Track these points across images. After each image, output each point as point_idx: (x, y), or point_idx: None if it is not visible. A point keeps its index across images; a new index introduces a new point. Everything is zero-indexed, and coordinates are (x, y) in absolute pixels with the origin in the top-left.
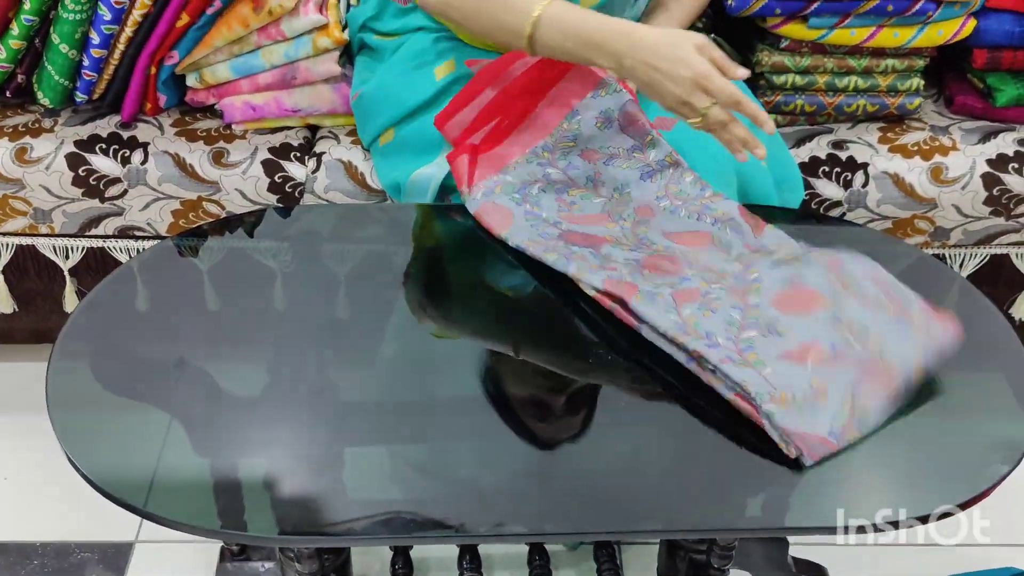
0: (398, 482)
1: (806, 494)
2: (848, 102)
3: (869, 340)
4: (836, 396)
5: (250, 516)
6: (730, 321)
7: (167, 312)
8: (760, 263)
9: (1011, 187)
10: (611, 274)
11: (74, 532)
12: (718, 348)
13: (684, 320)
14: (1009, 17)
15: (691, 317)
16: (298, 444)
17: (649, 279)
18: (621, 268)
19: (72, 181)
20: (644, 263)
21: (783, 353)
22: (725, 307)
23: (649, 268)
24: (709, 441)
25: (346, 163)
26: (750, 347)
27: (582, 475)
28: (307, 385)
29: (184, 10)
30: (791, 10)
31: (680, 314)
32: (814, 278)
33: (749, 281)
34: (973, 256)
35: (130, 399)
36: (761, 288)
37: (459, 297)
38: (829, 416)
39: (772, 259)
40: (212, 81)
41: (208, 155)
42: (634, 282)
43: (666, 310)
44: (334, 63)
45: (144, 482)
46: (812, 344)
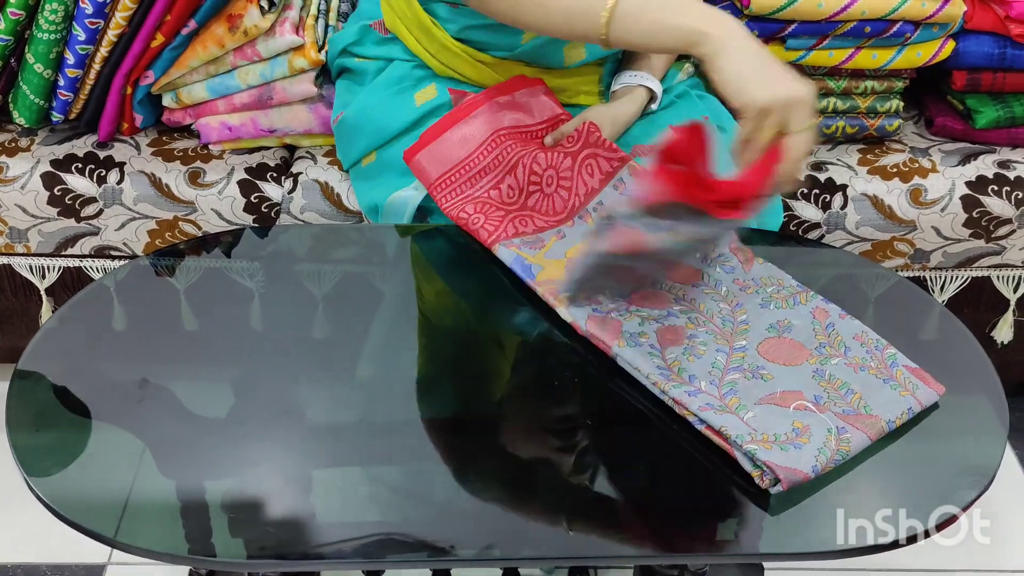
0: (371, 505)
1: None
2: (827, 123)
3: (852, 397)
4: (819, 436)
5: (218, 540)
6: (714, 364)
7: (137, 331)
8: (750, 301)
9: (991, 209)
10: (596, 309)
11: (46, 554)
12: (699, 395)
13: (668, 365)
14: (988, 39)
15: (675, 362)
16: (270, 466)
17: (635, 313)
18: (607, 301)
19: (48, 200)
20: (631, 297)
21: (765, 396)
22: (710, 351)
23: (636, 301)
24: (684, 465)
25: (322, 184)
26: (732, 391)
27: (558, 499)
28: (280, 406)
29: (159, 30)
30: (768, 32)
31: (664, 358)
32: (801, 328)
33: (737, 323)
34: (954, 278)
35: (95, 421)
36: (749, 331)
37: (436, 317)
38: (812, 454)
39: (762, 297)
40: (188, 101)
41: (184, 175)
42: (619, 317)
43: (650, 353)
44: (311, 84)
45: (110, 508)
46: (795, 393)
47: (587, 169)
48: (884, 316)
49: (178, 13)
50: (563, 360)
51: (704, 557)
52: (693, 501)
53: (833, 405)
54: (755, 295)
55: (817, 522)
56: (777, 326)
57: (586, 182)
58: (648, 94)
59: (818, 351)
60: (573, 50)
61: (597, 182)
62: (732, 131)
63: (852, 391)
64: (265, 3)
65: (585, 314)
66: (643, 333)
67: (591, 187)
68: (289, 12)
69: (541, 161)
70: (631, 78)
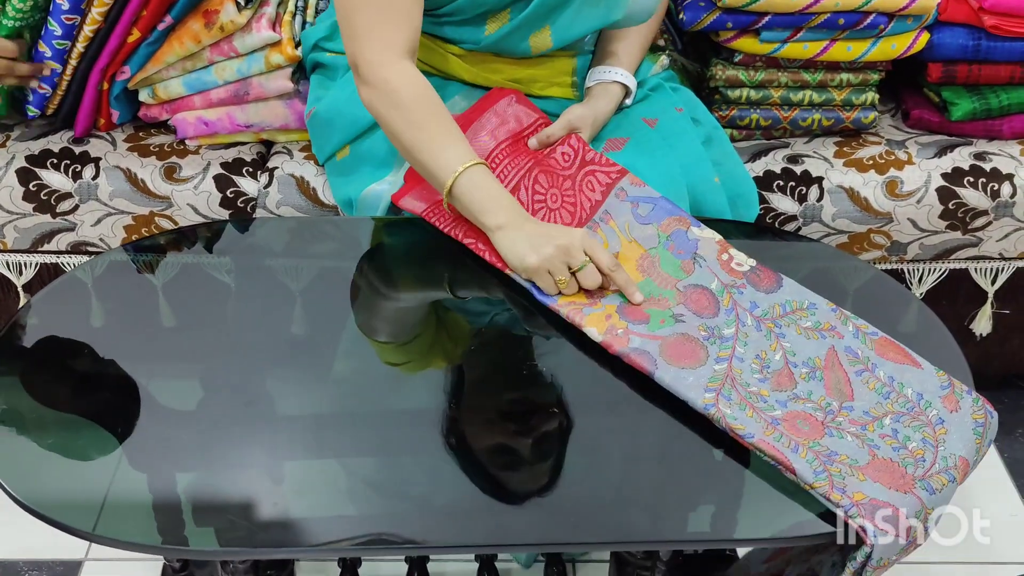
0: (345, 496)
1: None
2: (803, 116)
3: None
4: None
5: (191, 530)
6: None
7: (108, 324)
8: (787, 333)
9: (967, 201)
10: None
11: (23, 550)
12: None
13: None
14: (962, 31)
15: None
16: (245, 458)
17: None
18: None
19: (23, 196)
20: (666, 347)
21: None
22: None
23: (671, 355)
24: (663, 453)
25: (298, 178)
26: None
27: (536, 488)
28: (255, 399)
29: (135, 25)
30: (742, 24)
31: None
32: (855, 375)
33: (782, 367)
34: (931, 271)
35: (65, 415)
36: (798, 376)
37: (412, 310)
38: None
39: (801, 327)
40: (165, 97)
41: (160, 170)
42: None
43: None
44: (287, 79)
45: (87, 503)
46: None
47: (588, 185)
48: (861, 309)
49: (154, 9)
50: (541, 351)
51: (680, 544)
52: (673, 487)
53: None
54: (791, 324)
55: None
56: (828, 366)
57: (589, 196)
58: (623, 90)
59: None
60: (538, 39)
61: (599, 194)
62: (707, 124)
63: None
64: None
65: (622, 343)
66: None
67: (594, 200)
68: (266, 8)
69: (543, 182)
70: (605, 74)
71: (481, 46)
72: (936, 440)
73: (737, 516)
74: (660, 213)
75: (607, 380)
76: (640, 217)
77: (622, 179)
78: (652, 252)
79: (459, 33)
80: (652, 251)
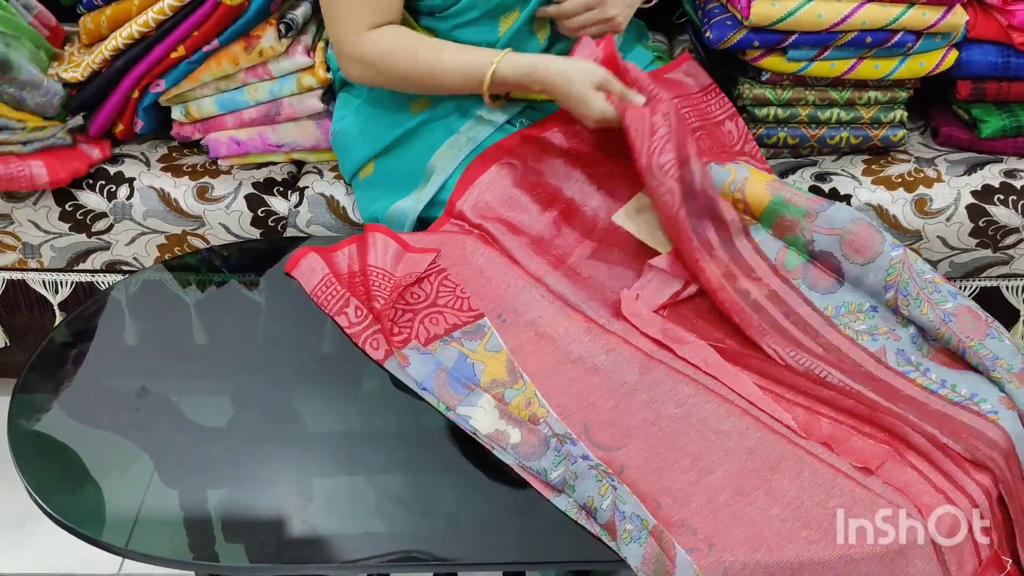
0: (374, 513)
1: None
2: (831, 134)
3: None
4: None
5: (221, 548)
6: None
7: (141, 343)
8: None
9: (997, 218)
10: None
11: (57, 565)
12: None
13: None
14: (992, 48)
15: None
16: (276, 475)
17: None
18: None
19: (59, 216)
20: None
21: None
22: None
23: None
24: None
25: (328, 197)
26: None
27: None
28: (285, 416)
29: (182, 43)
30: (769, 43)
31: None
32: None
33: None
34: (963, 288)
35: (99, 432)
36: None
37: None
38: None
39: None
40: (197, 115)
41: (192, 190)
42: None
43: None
44: (318, 100)
45: (121, 519)
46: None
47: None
48: None
49: (205, 31)
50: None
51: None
52: None
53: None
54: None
55: None
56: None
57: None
58: None
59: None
60: (542, 31)
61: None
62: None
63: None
64: (283, 28)
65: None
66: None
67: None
68: (303, 36)
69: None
70: None
71: (497, 47)
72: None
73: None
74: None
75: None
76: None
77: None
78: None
79: (474, 36)
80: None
